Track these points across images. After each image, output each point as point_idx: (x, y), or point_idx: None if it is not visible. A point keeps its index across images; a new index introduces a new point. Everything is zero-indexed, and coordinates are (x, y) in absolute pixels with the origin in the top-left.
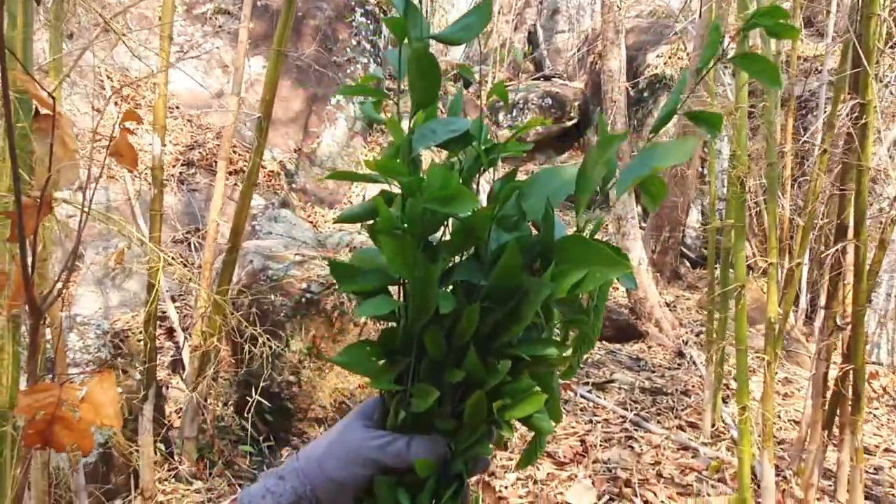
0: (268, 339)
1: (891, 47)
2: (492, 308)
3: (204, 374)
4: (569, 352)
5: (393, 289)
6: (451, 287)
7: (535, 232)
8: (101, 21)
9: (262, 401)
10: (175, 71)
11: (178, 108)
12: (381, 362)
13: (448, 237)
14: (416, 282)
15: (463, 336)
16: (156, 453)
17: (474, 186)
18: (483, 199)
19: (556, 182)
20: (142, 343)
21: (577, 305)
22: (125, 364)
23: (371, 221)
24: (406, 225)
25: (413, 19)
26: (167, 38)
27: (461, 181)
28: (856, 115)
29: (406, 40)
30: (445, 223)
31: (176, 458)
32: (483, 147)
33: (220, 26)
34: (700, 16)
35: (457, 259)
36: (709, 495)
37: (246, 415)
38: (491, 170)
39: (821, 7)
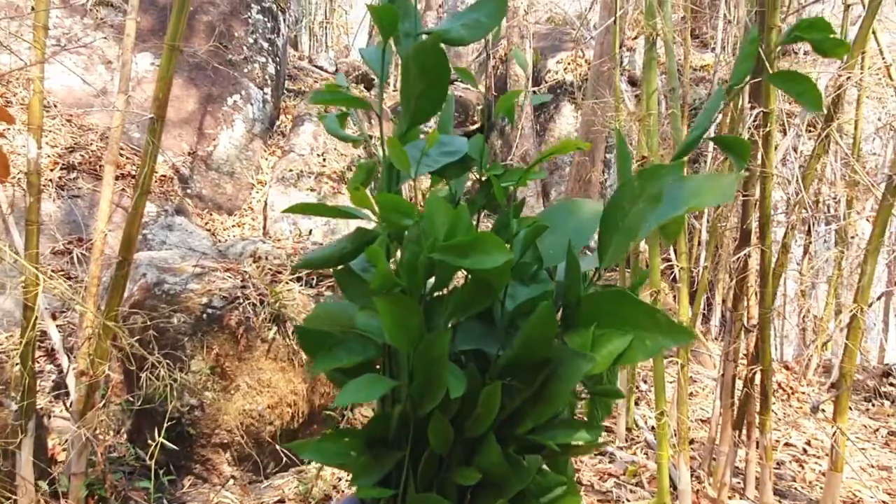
0: (168, 364)
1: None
2: (514, 387)
3: (92, 401)
4: (601, 436)
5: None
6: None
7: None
8: None
9: (164, 440)
10: (52, 67)
11: (55, 106)
12: (365, 457)
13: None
14: (420, 357)
15: (479, 425)
16: (37, 495)
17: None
18: None
19: (575, 220)
20: (17, 369)
21: (610, 375)
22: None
23: (342, 267)
24: (404, 282)
25: (403, 9)
26: (42, 28)
27: None
28: (757, 123)
29: (393, 36)
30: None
31: (62, 498)
32: (492, 173)
33: (101, 19)
34: (614, 23)
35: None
36: (628, 501)
37: (148, 452)
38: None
39: (706, 18)
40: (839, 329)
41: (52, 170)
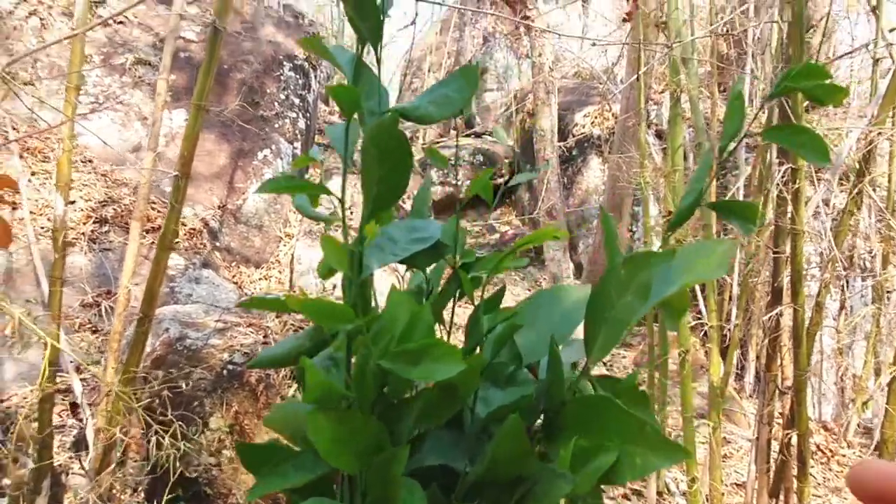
0: (181, 425)
1: (806, 110)
2: None
3: (108, 459)
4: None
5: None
6: (412, 466)
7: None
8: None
9: None
10: (90, 123)
11: (91, 161)
12: None
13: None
14: (375, 476)
15: None
16: None
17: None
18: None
19: (560, 309)
20: (35, 426)
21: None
22: (16, 451)
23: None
24: (353, 392)
25: (368, 87)
26: (74, 89)
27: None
28: (786, 179)
29: (356, 114)
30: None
31: None
32: (461, 260)
33: (139, 77)
34: (637, 79)
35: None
36: None
37: None
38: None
39: (732, 73)
40: (879, 389)
41: (84, 223)
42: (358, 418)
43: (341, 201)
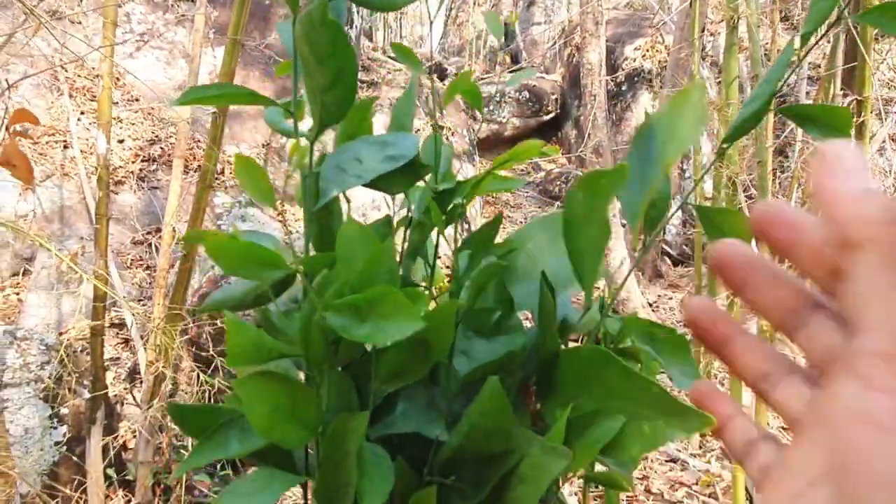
0: (222, 360)
1: (876, 39)
2: (461, 489)
3: (158, 390)
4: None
5: None
6: (379, 435)
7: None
8: (50, 7)
9: None
10: (135, 61)
11: (137, 100)
12: None
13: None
14: (330, 448)
15: None
16: (107, 482)
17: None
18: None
19: (558, 242)
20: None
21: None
22: (74, 381)
23: (261, 310)
24: (300, 350)
25: None
26: (111, 24)
27: (408, 252)
28: (850, 113)
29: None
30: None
31: (130, 486)
32: (441, 187)
33: (182, 14)
34: (689, 6)
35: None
36: None
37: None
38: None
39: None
40: None
41: (133, 162)
42: (297, 386)
43: (292, 114)
